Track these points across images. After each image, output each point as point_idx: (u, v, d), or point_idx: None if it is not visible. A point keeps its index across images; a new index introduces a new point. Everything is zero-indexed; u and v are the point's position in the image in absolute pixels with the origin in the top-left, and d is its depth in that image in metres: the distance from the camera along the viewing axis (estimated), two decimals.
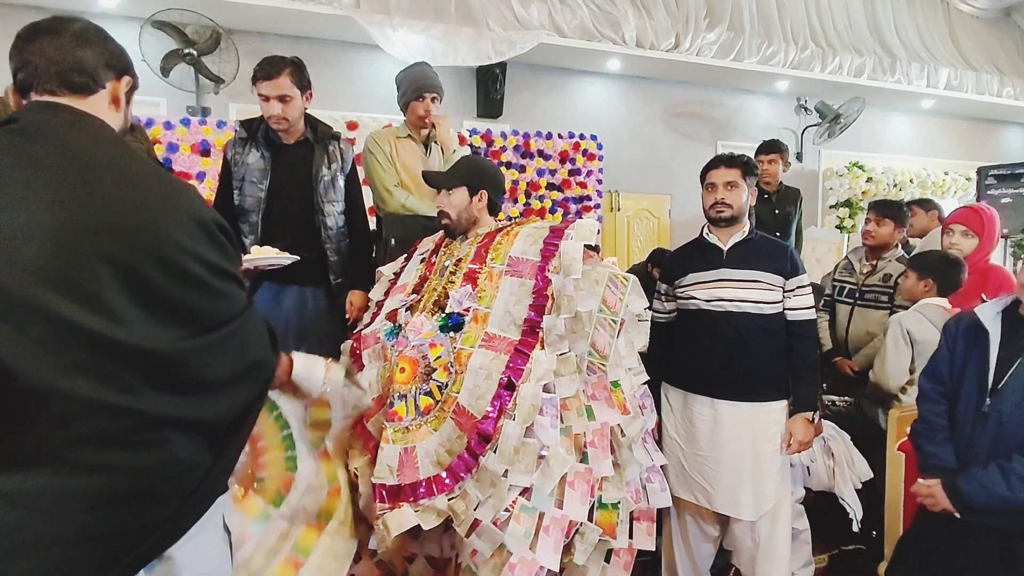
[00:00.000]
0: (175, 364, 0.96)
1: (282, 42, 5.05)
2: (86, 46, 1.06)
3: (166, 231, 0.95)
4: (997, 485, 1.64)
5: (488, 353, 1.76)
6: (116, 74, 1.11)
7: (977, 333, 1.80)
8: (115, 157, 0.99)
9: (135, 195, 0.96)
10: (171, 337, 0.95)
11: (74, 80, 1.05)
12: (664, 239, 6.37)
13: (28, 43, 1.05)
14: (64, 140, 0.97)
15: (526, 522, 1.67)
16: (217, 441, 1.04)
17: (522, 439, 1.68)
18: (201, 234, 1.00)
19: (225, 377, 1.03)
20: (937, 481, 1.78)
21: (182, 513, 1.00)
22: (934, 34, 7.11)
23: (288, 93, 2.28)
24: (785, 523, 2.24)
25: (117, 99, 1.11)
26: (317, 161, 2.42)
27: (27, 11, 4.38)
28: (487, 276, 1.89)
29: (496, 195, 2.06)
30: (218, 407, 1.03)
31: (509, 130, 5.59)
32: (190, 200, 1.03)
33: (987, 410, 1.72)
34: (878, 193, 7.05)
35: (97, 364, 0.89)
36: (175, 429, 0.96)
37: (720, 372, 2.17)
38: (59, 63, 1.04)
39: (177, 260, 0.95)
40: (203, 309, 1.00)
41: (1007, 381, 1.69)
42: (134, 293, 0.92)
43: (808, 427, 2.16)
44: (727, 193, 2.18)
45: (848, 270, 3.27)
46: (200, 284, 0.98)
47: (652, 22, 5.58)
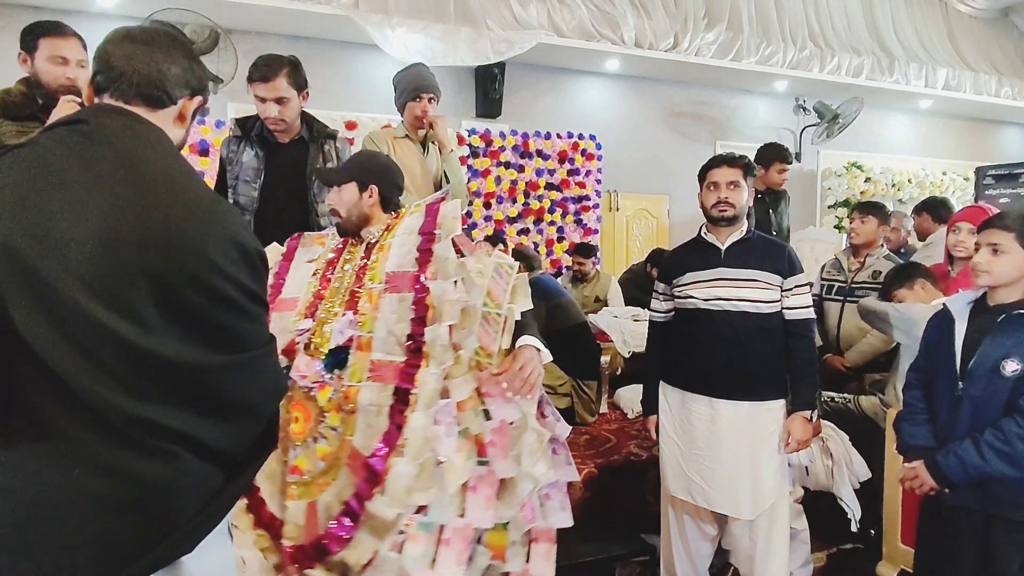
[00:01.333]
0: (196, 378, 0.97)
1: (281, 42, 5.05)
2: (172, 63, 1.08)
3: (209, 254, 0.97)
4: (971, 456, 1.72)
5: (375, 386, 1.64)
6: (191, 93, 1.13)
7: (947, 323, 1.89)
8: (171, 172, 1.01)
9: (184, 213, 0.97)
10: (198, 353, 0.96)
11: (151, 94, 1.07)
12: (663, 239, 6.38)
13: (118, 47, 1.06)
14: (126, 148, 0.99)
15: (424, 540, 1.55)
16: (229, 466, 1.04)
17: (413, 476, 1.57)
18: (241, 259, 1.02)
19: (240, 402, 1.04)
20: (920, 462, 1.85)
21: (192, 527, 1.00)
22: (932, 34, 7.12)
23: (285, 95, 2.26)
24: (783, 522, 2.24)
25: (184, 116, 1.13)
26: (312, 160, 2.41)
27: (27, 11, 4.38)
28: (367, 298, 1.75)
29: (388, 189, 1.90)
30: (228, 434, 1.02)
31: (508, 130, 5.60)
32: (235, 224, 1.05)
33: (960, 394, 1.80)
34: (876, 193, 7.06)
35: (121, 368, 0.90)
36: (185, 446, 0.96)
37: (718, 371, 2.17)
38: (143, 74, 1.05)
39: (215, 282, 0.97)
40: (233, 331, 1.01)
41: (974, 362, 1.78)
42: (168, 307, 0.94)
43: (806, 426, 2.16)
44: (730, 193, 2.18)
45: (837, 268, 3.35)
46: (233, 307, 1.00)
47: (651, 22, 5.58)
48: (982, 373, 1.76)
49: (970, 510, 1.79)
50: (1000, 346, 1.75)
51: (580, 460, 3.10)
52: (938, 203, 3.91)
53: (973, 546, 1.78)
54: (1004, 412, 1.72)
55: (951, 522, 1.84)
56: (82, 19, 4.52)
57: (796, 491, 2.58)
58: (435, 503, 1.57)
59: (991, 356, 1.76)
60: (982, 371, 1.77)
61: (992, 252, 1.77)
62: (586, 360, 3.73)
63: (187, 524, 0.98)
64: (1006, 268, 1.76)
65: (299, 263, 1.97)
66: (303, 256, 1.99)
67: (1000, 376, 1.73)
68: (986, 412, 1.75)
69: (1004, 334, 1.76)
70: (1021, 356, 1.71)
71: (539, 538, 1.78)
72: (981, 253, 1.80)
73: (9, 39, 4.52)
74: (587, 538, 2.67)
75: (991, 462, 1.68)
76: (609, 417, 3.89)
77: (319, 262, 1.93)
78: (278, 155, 2.40)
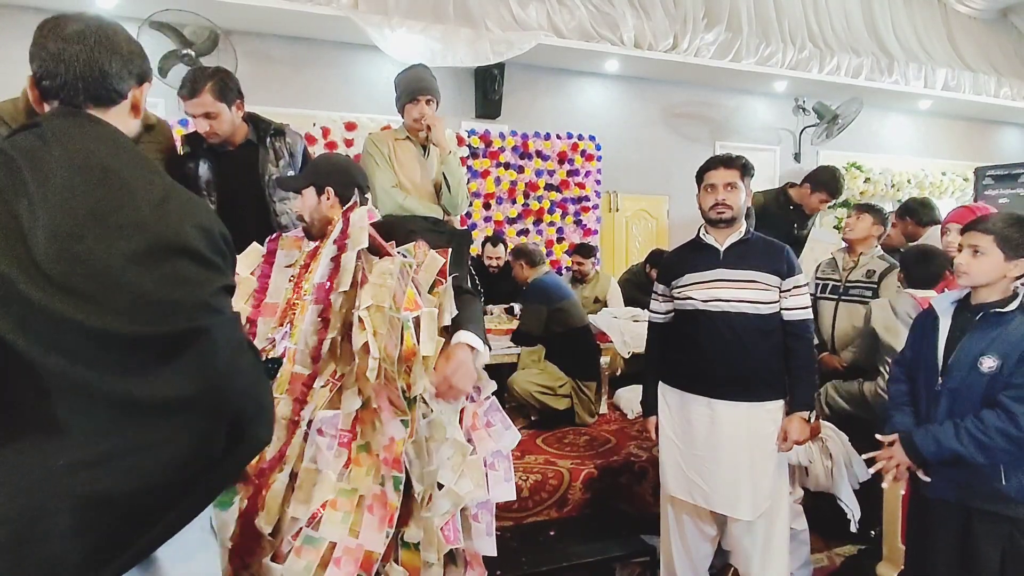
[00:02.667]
0: (166, 345, 0.99)
1: (280, 43, 5.06)
2: (112, 55, 1.07)
3: (167, 236, 1.00)
4: (949, 439, 1.79)
5: (287, 399, 1.62)
6: (138, 82, 1.12)
7: (932, 321, 1.97)
8: (123, 166, 1.02)
9: (135, 202, 1.00)
10: (160, 324, 0.98)
11: (99, 94, 1.07)
12: (663, 240, 6.38)
13: (56, 49, 1.05)
14: (78, 147, 1.00)
15: (308, 555, 1.48)
16: (217, 445, 1.05)
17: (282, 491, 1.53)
18: (201, 236, 1.04)
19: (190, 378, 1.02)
20: (895, 436, 1.94)
21: (179, 511, 1.01)
22: (931, 35, 7.13)
23: (211, 110, 2.24)
24: (783, 523, 2.24)
25: (137, 106, 1.13)
26: (262, 161, 2.40)
27: (27, 11, 4.38)
28: (300, 309, 1.73)
29: (344, 188, 1.85)
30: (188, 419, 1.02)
31: (507, 131, 5.60)
32: (196, 210, 1.07)
33: (939, 388, 1.88)
34: (876, 194, 7.07)
35: (85, 351, 0.93)
36: (171, 417, 0.98)
37: (717, 372, 2.18)
38: (85, 78, 1.05)
39: (169, 265, 0.99)
40: (188, 300, 1.02)
41: (954, 358, 1.86)
42: (129, 291, 0.96)
43: (804, 426, 2.16)
44: (727, 194, 2.18)
45: (832, 267, 3.37)
46: (187, 281, 1.01)
47: (650, 23, 5.59)
48: (961, 368, 1.84)
49: (950, 504, 1.85)
50: (978, 343, 1.82)
51: (580, 460, 3.11)
52: (918, 205, 3.89)
53: (956, 539, 1.85)
54: (982, 405, 1.79)
55: (934, 516, 1.90)
56: None
57: (796, 492, 2.58)
58: (327, 519, 1.50)
59: (970, 352, 1.83)
60: (961, 367, 1.84)
61: (972, 254, 1.84)
62: (586, 361, 3.73)
63: (168, 513, 0.99)
64: (984, 269, 1.83)
65: (279, 267, 1.96)
66: (283, 259, 1.97)
67: (978, 372, 1.81)
68: (962, 405, 1.82)
69: (982, 331, 1.83)
70: (997, 353, 1.78)
71: (472, 563, 1.70)
72: (962, 254, 1.87)
73: (9, 39, 4.53)
74: (587, 538, 2.68)
75: (966, 446, 1.76)
76: (609, 418, 3.89)
77: (295, 267, 1.92)
78: (229, 162, 2.39)
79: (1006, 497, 1.76)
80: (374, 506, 1.55)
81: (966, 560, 1.83)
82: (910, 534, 2.07)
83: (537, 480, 2.88)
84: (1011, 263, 1.81)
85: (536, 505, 2.86)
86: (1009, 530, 1.77)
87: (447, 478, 1.60)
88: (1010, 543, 1.77)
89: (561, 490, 2.92)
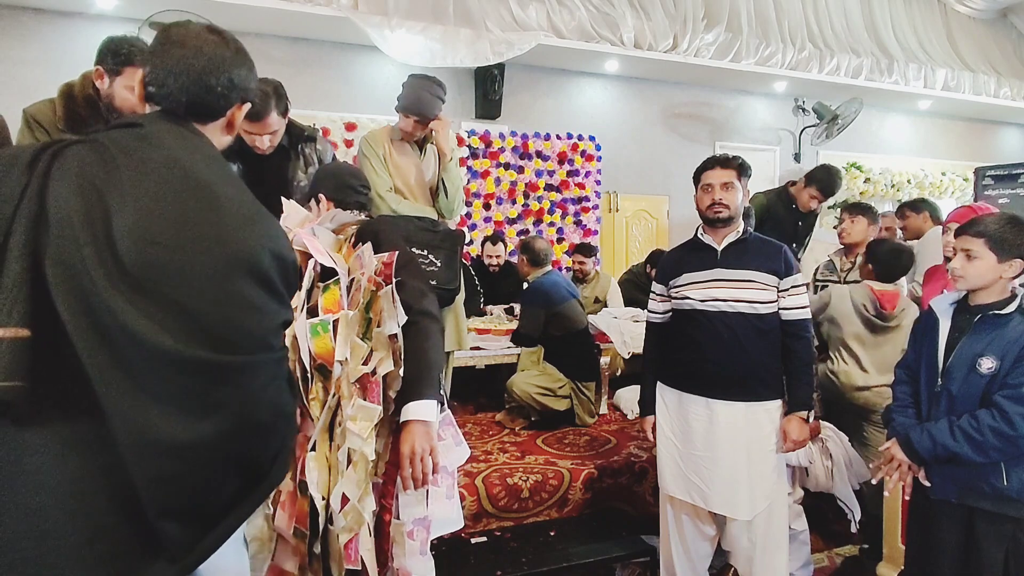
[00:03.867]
0: (215, 375, 0.97)
1: (280, 43, 5.06)
2: (221, 74, 1.08)
3: (244, 256, 0.99)
4: (944, 437, 1.80)
5: None
6: (239, 102, 1.14)
7: (932, 322, 1.98)
8: (213, 179, 1.02)
9: (219, 218, 0.99)
10: (217, 350, 0.96)
11: (200, 110, 1.09)
12: (663, 240, 6.38)
13: (168, 56, 1.06)
14: (175, 155, 1.01)
15: None
16: (249, 471, 1.04)
17: None
18: (274, 265, 1.03)
19: (233, 403, 1.01)
20: (894, 440, 1.95)
21: (209, 534, 0.99)
22: (931, 35, 7.13)
23: (276, 128, 2.25)
24: (782, 523, 2.24)
25: (232, 124, 1.15)
26: (292, 167, 2.40)
27: (27, 12, 4.38)
28: None
29: (335, 191, 1.83)
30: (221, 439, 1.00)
31: (507, 131, 5.60)
32: (271, 232, 1.06)
33: (939, 389, 1.89)
34: (876, 194, 7.07)
35: (139, 366, 0.91)
36: (192, 447, 0.95)
37: (715, 372, 2.18)
38: (190, 92, 1.06)
39: (242, 286, 0.98)
40: (253, 330, 1.01)
41: (953, 359, 1.87)
42: (195, 307, 0.94)
43: (803, 426, 2.16)
44: (724, 194, 2.19)
45: (830, 269, 3.40)
46: (254, 308, 1.00)
47: (650, 23, 5.59)
48: (960, 370, 1.85)
49: (952, 504, 1.85)
50: (977, 344, 1.83)
51: (580, 461, 3.11)
52: (931, 202, 3.93)
53: (958, 539, 1.85)
54: (979, 406, 1.80)
55: (936, 517, 1.90)
56: (82, 20, 4.53)
57: (796, 492, 2.58)
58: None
59: (968, 353, 1.84)
60: (960, 368, 1.85)
61: (966, 257, 1.85)
62: (585, 362, 3.73)
63: (196, 536, 0.97)
64: (979, 272, 1.84)
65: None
66: None
67: (977, 373, 1.81)
68: (961, 406, 1.83)
69: (980, 333, 1.84)
70: (996, 354, 1.79)
71: None
72: (957, 258, 1.88)
73: (9, 40, 4.54)
74: (587, 539, 2.68)
75: (961, 444, 1.77)
76: (609, 418, 3.89)
77: None
78: (259, 165, 2.37)
79: (1009, 497, 1.76)
80: (286, 503, 1.57)
81: (969, 561, 1.83)
82: (911, 534, 2.07)
83: (537, 480, 2.89)
84: (1005, 264, 1.81)
85: (536, 505, 2.87)
86: (1012, 530, 1.77)
87: (351, 492, 1.51)
88: (1013, 543, 1.77)
89: (561, 490, 2.92)
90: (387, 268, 1.60)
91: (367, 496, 1.52)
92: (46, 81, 4.43)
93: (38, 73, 4.38)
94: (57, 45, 4.46)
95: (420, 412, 1.48)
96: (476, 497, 2.77)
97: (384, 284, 1.58)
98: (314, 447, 1.56)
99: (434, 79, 2.66)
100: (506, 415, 3.75)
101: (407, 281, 1.59)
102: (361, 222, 1.78)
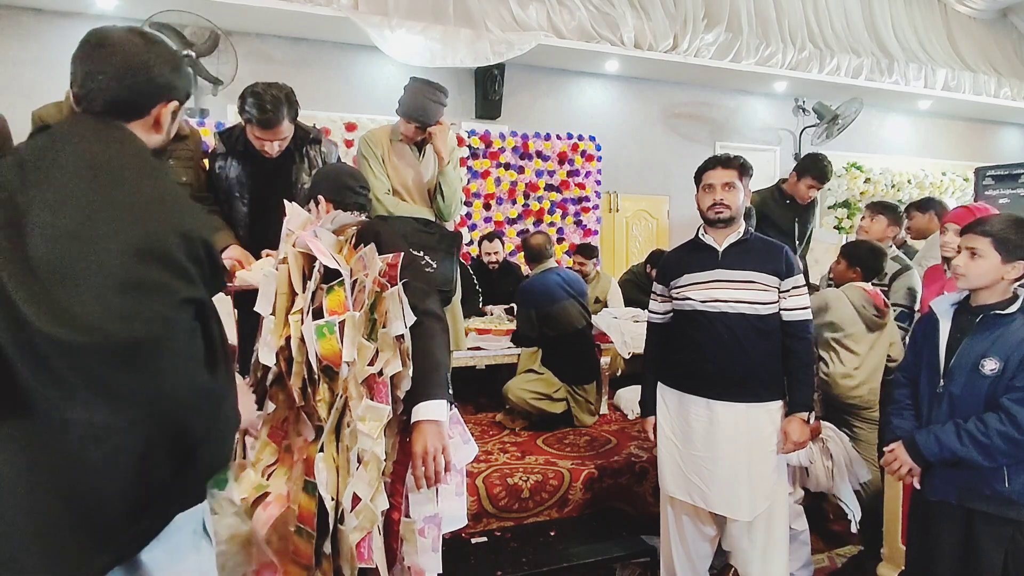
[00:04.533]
0: (124, 358, 0.97)
1: (280, 43, 5.06)
2: (139, 73, 1.11)
3: (147, 241, 1.01)
4: (950, 438, 1.80)
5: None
6: (165, 100, 1.16)
7: (932, 323, 1.97)
8: (127, 167, 1.05)
9: (131, 201, 1.01)
10: (123, 333, 0.97)
11: (121, 109, 1.12)
12: (663, 240, 6.38)
13: (90, 60, 1.11)
14: (84, 148, 1.03)
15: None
16: (176, 455, 1.04)
17: None
18: (183, 244, 1.04)
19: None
20: (899, 442, 1.94)
21: (142, 520, 1.01)
22: (931, 35, 7.13)
23: (286, 134, 2.25)
24: (782, 523, 2.24)
25: (159, 123, 1.17)
26: (296, 170, 2.39)
27: (27, 13, 4.38)
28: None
29: (332, 192, 1.83)
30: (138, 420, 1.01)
31: (508, 131, 5.60)
32: (183, 216, 1.07)
33: (940, 391, 1.88)
34: (876, 194, 7.06)
35: (59, 361, 0.93)
36: (115, 433, 0.97)
37: (715, 373, 2.17)
38: (110, 92, 1.10)
39: (145, 269, 0.99)
40: (159, 311, 1.01)
41: (954, 361, 1.87)
42: (103, 294, 0.96)
43: (803, 427, 2.16)
44: (725, 194, 2.18)
45: None
46: (158, 288, 1.00)
47: (650, 23, 5.59)
48: (962, 371, 1.84)
49: (951, 505, 1.85)
50: (979, 345, 1.82)
51: (580, 461, 3.11)
52: (942, 204, 3.90)
53: (957, 540, 1.85)
54: (984, 408, 1.79)
55: (936, 518, 1.90)
56: (82, 21, 4.52)
57: (796, 492, 2.58)
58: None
59: (971, 355, 1.83)
60: (962, 369, 1.84)
61: (970, 256, 1.84)
62: (581, 365, 3.69)
63: (128, 521, 0.99)
64: (982, 271, 1.83)
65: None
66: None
67: (979, 374, 1.80)
68: (963, 407, 1.82)
69: (983, 334, 1.83)
70: (999, 355, 1.78)
71: None
72: (960, 257, 1.87)
73: (9, 40, 4.54)
74: (587, 539, 2.68)
75: (968, 448, 1.76)
76: (610, 418, 3.89)
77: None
78: (263, 168, 2.38)
79: (1009, 499, 1.76)
80: (271, 504, 1.57)
81: (968, 562, 1.83)
82: (911, 535, 2.07)
83: (538, 480, 2.89)
84: (1008, 265, 1.81)
85: (537, 505, 2.87)
86: (1012, 532, 1.76)
87: (363, 491, 1.52)
88: (1013, 545, 1.76)
89: (562, 490, 2.92)
90: (392, 269, 1.60)
91: (379, 495, 1.52)
92: (46, 81, 4.43)
93: (38, 73, 4.38)
94: (57, 45, 4.46)
95: (431, 412, 1.50)
96: (476, 497, 2.77)
97: (389, 285, 1.58)
98: (322, 448, 1.57)
99: (436, 85, 2.65)
100: (506, 415, 3.75)
101: (411, 281, 1.60)
102: (361, 223, 1.78)
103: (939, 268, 2.98)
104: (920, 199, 4.13)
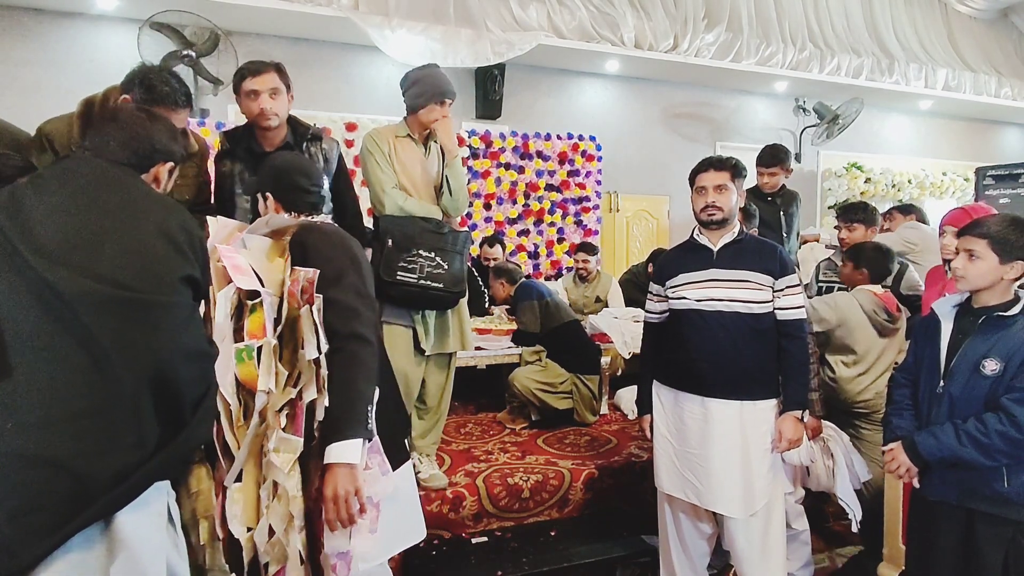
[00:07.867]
0: (137, 312, 1.17)
1: (281, 44, 5.06)
2: (144, 142, 1.36)
3: (150, 220, 1.24)
4: (949, 439, 1.80)
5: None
6: (163, 160, 1.40)
7: (934, 325, 1.97)
8: (132, 187, 1.30)
9: (133, 200, 1.28)
10: (136, 290, 1.17)
11: (127, 163, 1.34)
12: (663, 240, 6.38)
13: (105, 126, 1.36)
14: (91, 184, 1.25)
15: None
16: (170, 418, 1.18)
17: None
18: (182, 231, 1.27)
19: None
20: (898, 442, 1.94)
21: (130, 478, 1.11)
22: (932, 35, 7.12)
23: (277, 87, 2.30)
24: (779, 523, 2.24)
25: (158, 179, 1.40)
26: None
27: (27, 13, 4.39)
28: None
29: (283, 192, 1.71)
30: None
31: (508, 131, 5.60)
32: (183, 215, 1.31)
33: (940, 391, 1.88)
34: (876, 194, 7.07)
35: (74, 319, 1.10)
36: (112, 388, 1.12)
37: (710, 371, 2.18)
38: (118, 156, 1.33)
39: (152, 240, 1.23)
40: (163, 275, 1.21)
41: (955, 362, 1.87)
42: (115, 259, 1.16)
43: (797, 426, 2.17)
44: (717, 196, 2.20)
45: (832, 269, 3.38)
46: (162, 257, 1.22)
47: (651, 23, 5.59)
48: (963, 372, 1.84)
49: (951, 505, 1.85)
50: (980, 346, 1.82)
51: (581, 461, 3.11)
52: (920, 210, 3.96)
53: (957, 541, 1.85)
54: (983, 409, 1.79)
55: (935, 518, 1.90)
56: (82, 21, 4.53)
57: (797, 491, 2.58)
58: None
59: (972, 355, 1.83)
60: (963, 370, 1.84)
61: (968, 258, 1.84)
62: (585, 354, 3.74)
63: (114, 480, 1.10)
64: (980, 272, 1.83)
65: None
66: None
67: (980, 375, 1.80)
68: (963, 408, 1.82)
69: (984, 335, 1.83)
70: (1000, 356, 1.78)
71: None
72: (958, 259, 1.87)
73: (10, 40, 4.54)
74: (588, 539, 2.68)
75: (967, 448, 1.76)
76: (610, 418, 3.89)
77: None
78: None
79: (1008, 500, 1.76)
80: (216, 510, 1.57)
81: (968, 562, 1.83)
82: (911, 535, 2.07)
83: (538, 480, 2.88)
84: (1007, 266, 1.81)
85: (537, 505, 2.87)
86: (1012, 533, 1.76)
87: (277, 526, 1.46)
88: (1013, 546, 1.76)
89: (562, 490, 2.92)
90: (310, 286, 1.45)
91: (292, 530, 1.44)
92: (46, 81, 4.44)
93: (38, 73, 4.39)
94: (57, 45, 4.46)
95: (344, 454, 1.38)
96: (477, 497, 2.77)
97: (305, 304, 1.45)
98: (239, 478, 1.47)
99: (434, 64, 2.74)
100: (507, 415, 3.75)
101: (338, 299, 1.45)
102: (299, 225, 1.64)
103: (940, 269, 2.98)
104: (903, 204, 4.17)
